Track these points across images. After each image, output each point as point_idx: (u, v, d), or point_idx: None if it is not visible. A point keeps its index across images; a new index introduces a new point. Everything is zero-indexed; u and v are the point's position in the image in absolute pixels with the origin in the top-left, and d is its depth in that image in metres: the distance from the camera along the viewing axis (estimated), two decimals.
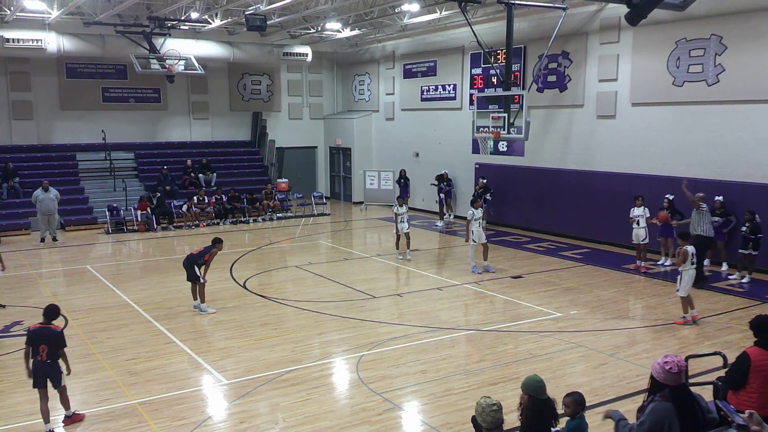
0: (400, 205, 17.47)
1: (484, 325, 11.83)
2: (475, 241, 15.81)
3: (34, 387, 7.99)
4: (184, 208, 22.53)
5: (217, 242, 13.01)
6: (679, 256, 11.57)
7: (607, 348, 10.55)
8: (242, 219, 23.66)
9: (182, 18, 21.12)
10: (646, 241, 15.77)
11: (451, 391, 8.90)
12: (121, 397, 8.85)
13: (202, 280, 12.72)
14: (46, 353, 7.86)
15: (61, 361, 8.07)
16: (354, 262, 17.41)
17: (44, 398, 7.95)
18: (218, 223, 23.10)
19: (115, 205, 22.07)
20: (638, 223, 15.72)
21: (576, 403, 5.42)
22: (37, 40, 21.29)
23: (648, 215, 15.73)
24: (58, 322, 8.35)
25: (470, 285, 14.69)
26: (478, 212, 15.93)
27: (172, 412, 8.38)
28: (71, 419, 8.22)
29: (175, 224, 22.32)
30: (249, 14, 19.09)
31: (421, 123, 25.71)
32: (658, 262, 16.30)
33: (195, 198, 22.98)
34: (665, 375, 4.98)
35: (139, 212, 22.00)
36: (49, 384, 7.98)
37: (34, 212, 20.21)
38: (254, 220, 23.75)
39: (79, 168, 24.26)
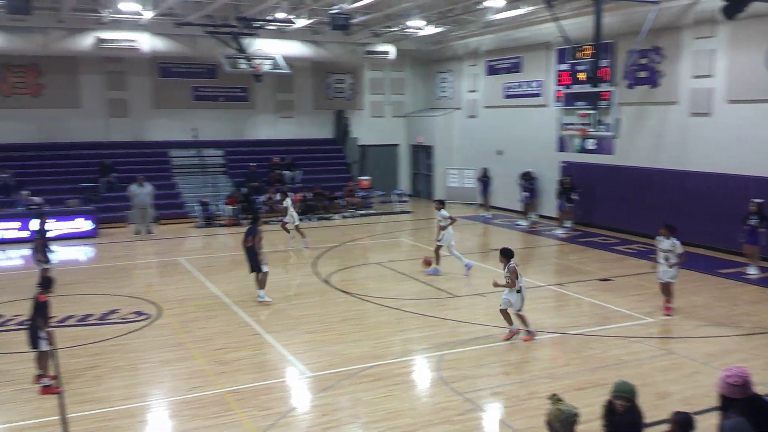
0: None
1: (571, 328, 11.53)
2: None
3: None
4: (262, 198, 23.13)
5: (257, 220, 13.61)
6: None
7: (700, 356, 10.08)
8: (325, 215, 23.99)
9: (269, 18, 21.60)
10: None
11: (534, 394, 8.72)
12: (210, 386, 9.13)
13: (265, 269, 13.04)
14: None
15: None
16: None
17: None
18: (302, 219, 23.48)
19: (205, 200, 22.84)
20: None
21: (678, 424, 5.03)
22: (132, 41, 22.26)
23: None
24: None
25: (555, 287, 14.36)
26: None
27: (258, 402, 8.59)
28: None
29: (261, 219, 22.83)
30: (333, 13, 19.31)
31: (504, 120, 25.34)
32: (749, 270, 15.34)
33: (278, 195, 23.49)
34: (730, 388, 4.69)
35: (228, 207, 22.69)
36: None
37: (130, 206, 21.17)
38: (337, 217, 24.02)
39: (171, 164, 25.24)
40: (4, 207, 20.18)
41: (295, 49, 25.26)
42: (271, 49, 23.76)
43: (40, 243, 14.07)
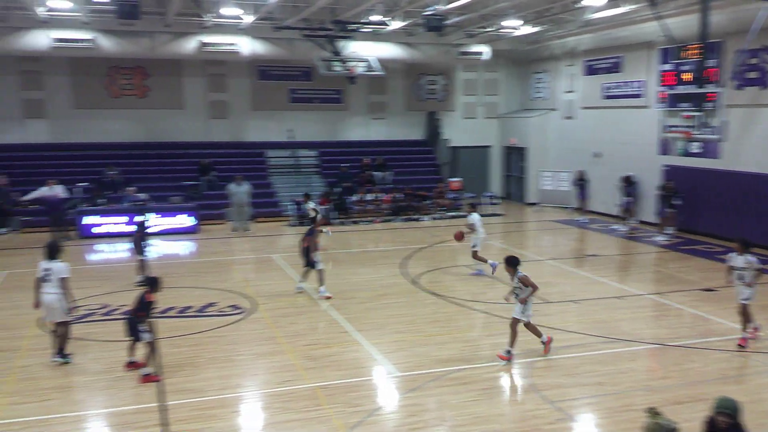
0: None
1: (670, 339, 10.99)
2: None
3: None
4: (355, 197, 23.47)
5: (315, 222, 14.65)
6: None
7: None
8: (414, 217, 24.02)
9: (364, 21, 21.83)
10: None
11: (630, 406, 8.37)
12: (299, 380, 9.31)
13: (319, 267, 13.58)
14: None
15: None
16: (526, 265, 16.71)
17: None
18: (391, 220, 23.64)
19: (299, 199, 23.35)
20: None
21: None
22: (232, 44, 23.05)
23: None
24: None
25: (654, 296, 13.76)
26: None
27: (346, 399, 8.67)
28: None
29: (351, 219, 23.16)
30: (428, 15, 19.29)
31: (602, 122, 24.55)
32: None
33: (370, 195, 23.74)
34: None
35: (320, 206, 23.08)
36: None
37: (228, 204, 21.93)
38: (426, 218, 23.99)
39: (267, 164, 25.97)
40: (112, 203, 21.33)
41: (389, 50, 25.42)
42: (365, 52, 24.01)
43: (138, 237, 14.74)
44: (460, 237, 15.24)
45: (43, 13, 20.03)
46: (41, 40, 21.26)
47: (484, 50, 26.46)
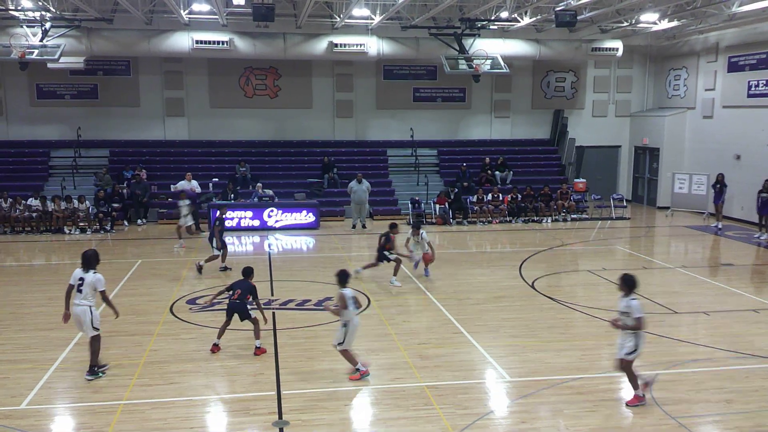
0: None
1: None
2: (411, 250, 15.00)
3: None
4: (474, 198, 23.32)
5: (392, 227, 14.93)
6: None
7: None
8: (535, 218, 23.45)
9: (492, 18, 21.57)
10: None
11: (761, 426, 7.76)
12: (411, 378, 9.34)
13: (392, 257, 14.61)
14: (238, 296, 10.23)
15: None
16: (654, 272, 16.13)
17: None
18: (510, 221, 23.21)
19: (417, 198, 23.47)
20: None
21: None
22: (361, 44, 23.51)
23: None
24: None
25: None
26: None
27: (456, 400, 8.61)
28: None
29: (469, 219, 22.97)
30: (559, 10, 18.75)
31: (745, 122, 22.83)
32: None
33: (489, 195, 23.45)
34: None
35: (437, 206, 23.10)
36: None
37: (348, 201, 22.41)
38: (547, 220, 23.37)
39: (388, 163, 26.29)
40: (242, 198, 22.40)
41: (516, 47, 24.97)
42: (491, 49, 23.69)
43: (218, 230, 15.39)
44: (429, 260, 14.96)
45: (186, 17, 21.35)
46: (183, 42, 22.71)
47: (618, 46, 25.37)
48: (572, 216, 23.72)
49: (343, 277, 9.40)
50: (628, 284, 8.48)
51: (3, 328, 11.51)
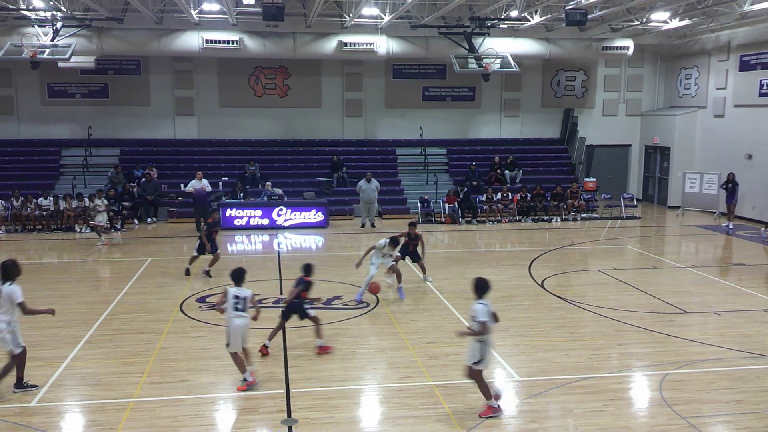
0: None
1: None
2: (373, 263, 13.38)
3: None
4: (483, 197, 23.30)
5: (413, 225, 14.76)
6: None
7: None
8: (544, 217, 23.38)
9: (502, 17, 21.52)
10: None
11: None
12: (419, 377, 9.34)
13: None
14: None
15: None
16: (664, 272, 16.06)
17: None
18: (520, 220, 23.15)
19: (426, 197, 23.44)
20: None
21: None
22: (370, 44, 23.50)
23: None
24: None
25: None
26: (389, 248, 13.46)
27: (465, 399, 8.60)
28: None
29: (478, 218, 22.93)
30: (570, 9, 18.68)
31: (757, 121, 22.67)
32: None
33: (498, 194, 23.42)
34: None
35: (446, 205, 23.06)
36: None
37: (357, 200, 22.42)
38: (556, 219, 23.29)
39: (397, 162, 26.27)
40: (251, 197, 22.45)
41: (526, 46, 24.90)
42: (501, 48, 23.62)
43: (205, 234, 15.09)
44: (376, 290, 12.83)
45: (196, 16, 21.42)
46: (193, 41, 22.78)
47: (629, 45, 25.25)
48: (582, 215, 23.64)
49: (238, 276, 9.13)
50: (477, 288, 8.15)
51: None
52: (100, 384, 9.07)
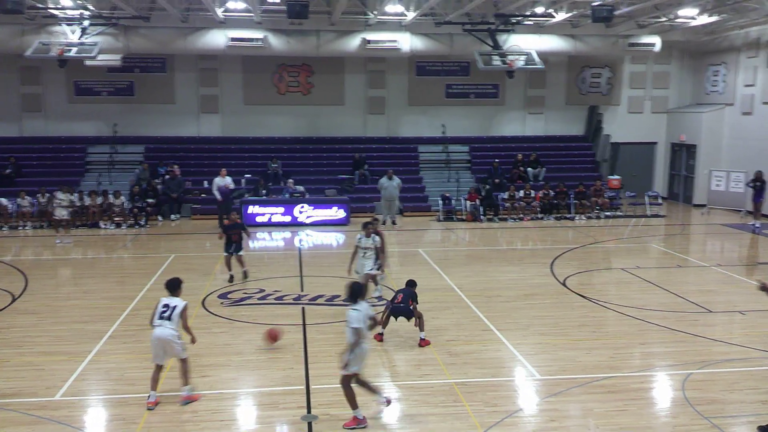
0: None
1: None
2: (357, 272, 12.57)
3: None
4: (505, 194, 23.18)
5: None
6: None
7: None
8: (567, 215, 23.19)
9: (527, 13, 21.37)
10: None
11: None
12: (440, 375, 9.33)
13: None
14: (401, 299, 10.57)
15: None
16: (689, 271, 15.85)
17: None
18: (542, 218, 22.99)
19: (447, 194, 23.37)
20: None
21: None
22: (393, 41, 23.47)
23: None
24: None
25: None
26: (366, 240, 12.56)
27: (486, 398, 8.58)
28: None
29: (500, 216, 22.82)
30: (596, 5, 18.50)
31: None
32: None
33: (520, 191, 23.29)
34: None
35: (468, 203, 22.98)
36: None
37: (378, 197, 22.42)
38: (580, 217, 23.10)
39: (419, 159, 26.23)
40: (273, 194, 22.57)
41: (551, 43, 24.68)
42: (526, 45, 23.45)
43: (234, 235, 14.58)
44: (273, 337, 10.52)
45: (221, 14, 21.57)
46: (218, 39, 22.94)
47: (656, 41, 24.92)
48: (606, 213, 23.40)
49: (171, 285, 8.71)
50: (351, 293, 8.03)
51: (39, 320, 11.79)
52: (123, 378, 9.19)
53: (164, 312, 8.43)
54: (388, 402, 8.20)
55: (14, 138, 24.91)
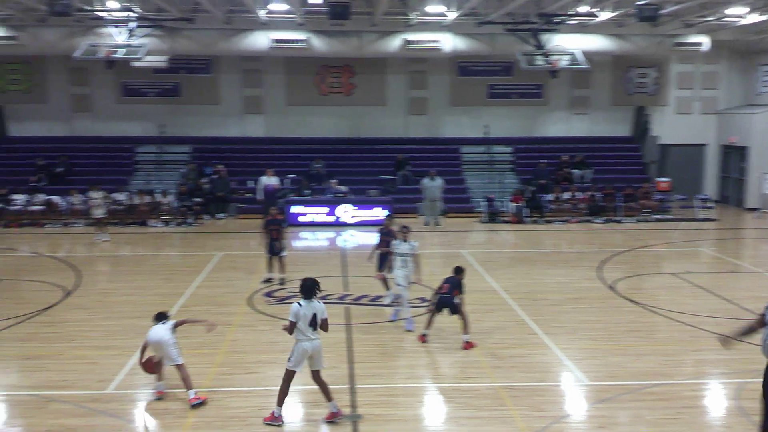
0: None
1: None
2: (399, 285, 11.55)
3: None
4: (550, 196, 22.89)
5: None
6: None
7: None
8: (615, 218, 22.78)
9: (571, 13, 21.07)
10: None
11: None
12: (484, 378, 9.23)
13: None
14: (447, 289, 10.45)
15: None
16: (742, 276, 15.43)
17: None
18: (589, 220, 22.62)
19: (491, 195, 23.18)
20: None
21: None
22: (435, 41, 23.35)
23: None
24: None
25: None
26: (404, 246, 11.53)
27: (532, 402, 8.46)
28: None
29: (545, 218, 22.54)
30: (641, 4, 18.12)
31: None
32: None
33: (566, 193, 22.98)
34: None
35: (512, 204, 22.74)
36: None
37: (421, 198, 22.36)
38: (628, 220, 22.66)
39: (462, 160, 26.08)
40: (316, 194, 22.69)
41: (595, 42, 24.26)
42: (569, 44, 23.13)
43: (275, 231, 14.36)
44: (151, 368, 8.84)
45: (264, 16, 21.78)
46: (261, 40, 23.14)
47: (703, 41, 24.30)
48: (655, 216, 22.91)
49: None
50: (302, 287, 7.96)
51: (91, 315, 12.06)
52: (172, 373, 9.30)
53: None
54: (334, 414, 7.98)
55: (65, 137, 25.57)
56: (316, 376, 8.00)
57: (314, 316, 7.80)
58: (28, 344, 10.55)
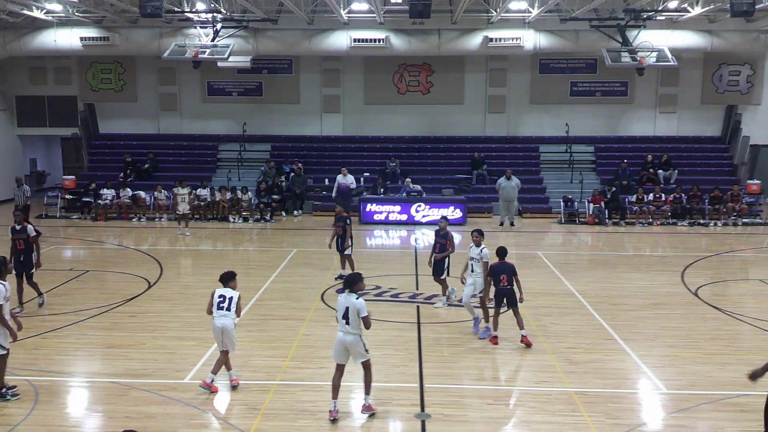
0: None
1: None
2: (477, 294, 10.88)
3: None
4: (633, 197, 22.17)
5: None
6: None
7: None
8: (701, 221, 21.82)
9: (659, 8, 20.35)
10: None
11: None
12: (558, 383, 9.03)
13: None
14: (506, 280, 10.19)
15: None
16: None
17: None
18: (674, 223, 21.75)
19: (570, 196, 22.64)
20: None
21: None
22: (516, 38, 23.04)
23: None
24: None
25: None
26: (474, 250, 10.89)
27: (607, 409, 8.22)
28: None
29: (627, 220, 21.82)
30: None
31: None
32: None
33: (650, 194, 22.18)
34: None
35: (591, 205, 22.13)
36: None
37: (496, 198, 22.09)
38: (715, 224, 21.66)
39: (540, 159, 25.60)
40: (391, 192, 22.77)
41: (685, 39, 23.36)
42: (657, 41, 22.35)
43: (340, 228, 14.35)
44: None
45: (345, 16, 22.05)
46: (342, 40, 23.48)
47: None
48: (744, 220, 21.82)
49: (224, 277, 8.94)
50: (343, 281, 8.13)
51: (172, 307, 12.53)
52: (247, 366, 9.56)
53: (221, 302, 8.72)
54: (367, 408, 8.08)
55: (152, 135, 26.72)
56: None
57: (346, 309, 7.88)
58: (112, 333, 11.04)
